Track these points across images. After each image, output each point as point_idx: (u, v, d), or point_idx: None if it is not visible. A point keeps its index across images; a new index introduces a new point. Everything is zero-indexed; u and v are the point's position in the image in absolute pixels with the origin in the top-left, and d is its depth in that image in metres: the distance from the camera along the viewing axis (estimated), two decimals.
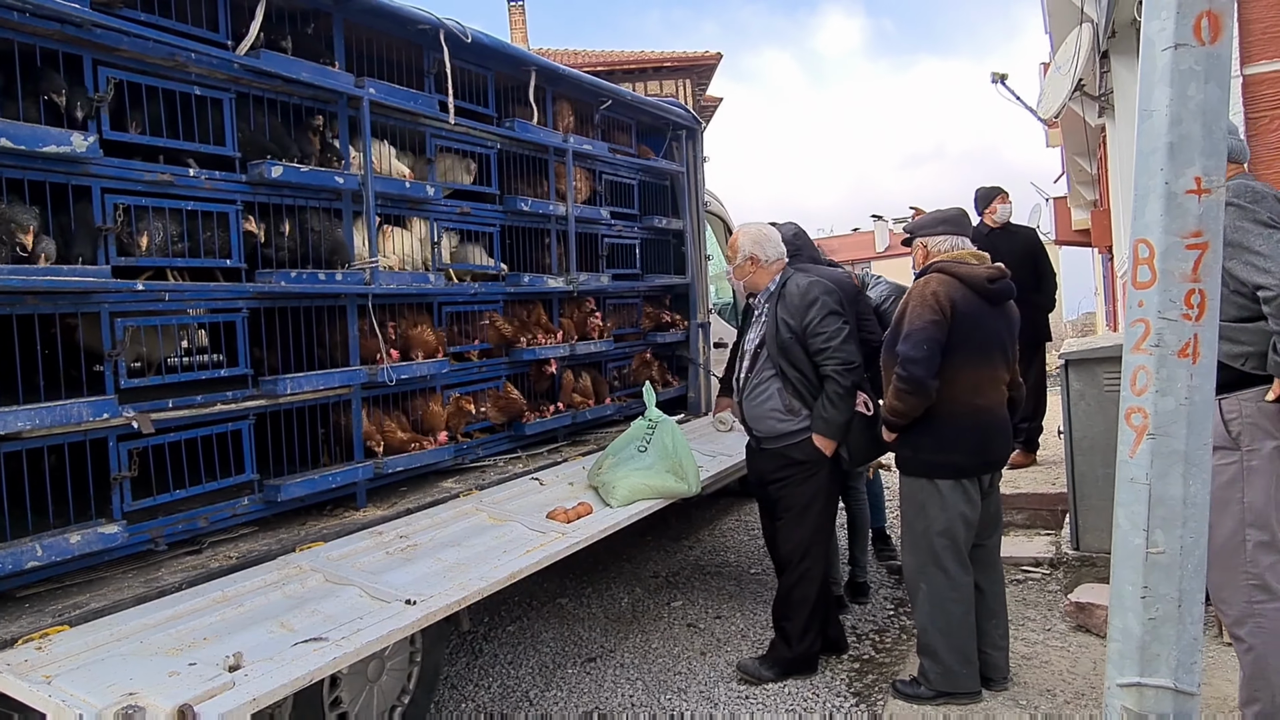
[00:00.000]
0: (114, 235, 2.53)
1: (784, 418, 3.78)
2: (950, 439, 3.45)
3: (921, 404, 3.43)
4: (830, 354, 3.66)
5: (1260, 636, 2.81)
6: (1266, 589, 2.80)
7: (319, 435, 3.32)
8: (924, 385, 3.38)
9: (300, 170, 3.03)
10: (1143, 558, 1.82)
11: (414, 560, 3.00)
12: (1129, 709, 1.85)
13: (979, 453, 3.47)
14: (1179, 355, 1.77)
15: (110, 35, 2.53)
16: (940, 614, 3.50)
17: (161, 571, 2.66)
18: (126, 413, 2.54)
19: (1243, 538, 2.81)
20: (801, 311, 3.70)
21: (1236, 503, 2.80)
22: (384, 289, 3.35)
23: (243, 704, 1.99)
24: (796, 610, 3.83)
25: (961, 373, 3.43)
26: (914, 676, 3.63)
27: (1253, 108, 3.64)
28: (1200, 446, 1.80)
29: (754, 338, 3.91)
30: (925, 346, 3.36)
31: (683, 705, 3.70)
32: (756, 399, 3.86)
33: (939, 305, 3.39)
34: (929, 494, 3.50)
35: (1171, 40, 1.74)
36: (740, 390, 3.97)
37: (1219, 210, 1.76)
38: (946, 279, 3.47)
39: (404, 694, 3.28)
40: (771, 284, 3.89)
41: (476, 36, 3.70)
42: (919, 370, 3.36)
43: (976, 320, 3.44)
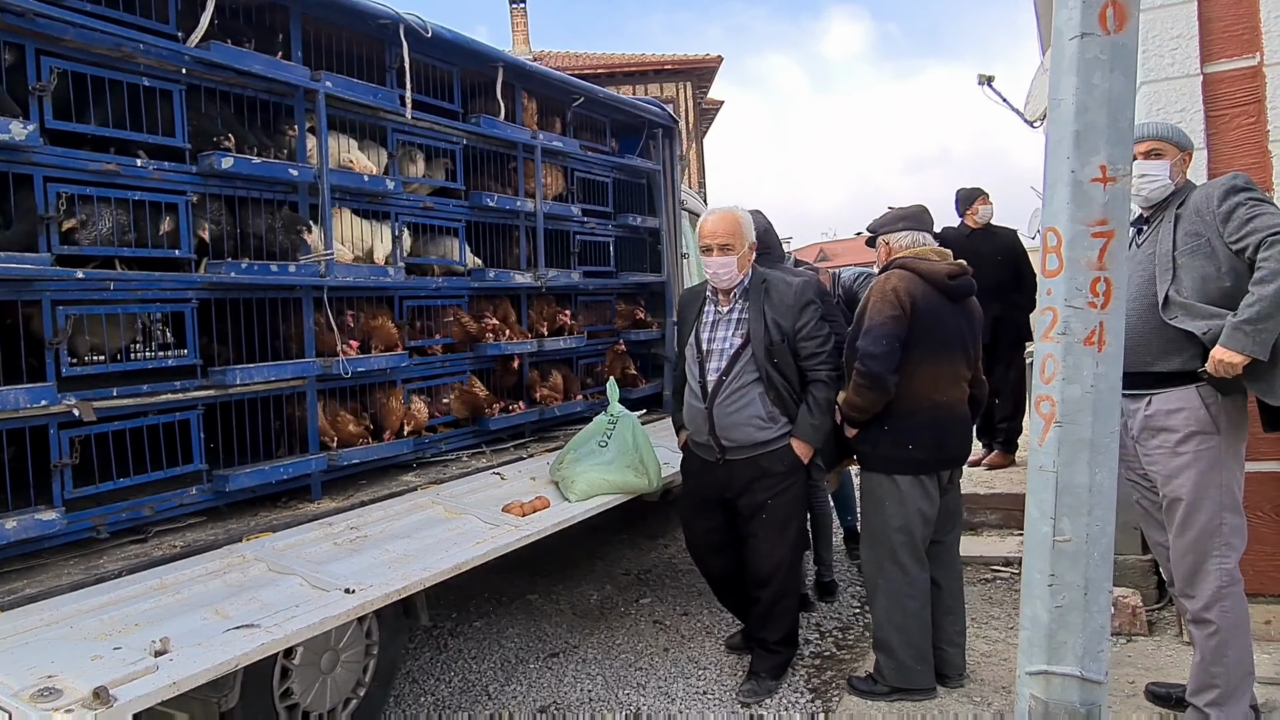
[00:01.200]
0: (56, 224, 2.54)
1: (764, 425, 3.54)
2: (909, 435, 3.46)
3: (880, 399, 3.43)
4: (824, 359, 3.56)
5: (1226, 620, 2.87)
6: (1232, 577, 2.87)
7: (273, 427, 3.33)
8: (882, 380, 3.38)
9: (252, 162, 3.04)
10: (1050, 546, 1.83)
11: (361, 551, 3.00)
12: (1037, 697, 1.85)
13: (937, 449, 3.48)
14: (1085, 343, 1.77)
15: (55, 25, 2.55)
16: (896, 610, 3.51)
17: (104, 559, 2.67)
18: (67, 400, 2.55)
19: (1220, 521, 2.88)
20: (795, 313, 3.53)
21: (1216, 487, 2.87)
22: (340, 281, 3.37)
23: (161, 687, 2.00)
24: (780, 622, 3.72)
25: (921, 369, 3.43)
26: (869, 673, 3.64)
27: (1212, 106, 3.63)
28: (1106, 435, 1.80)
29: (726, 337, 3.59)
30: (884, 342, 3.37)
31: (640, 701, 3.70)
32: (732, 406, 3.54)
33: (899, 301, 3.40)
34: (887, 490, 3.52)
35: (1078, 29, 1.75)
36: (709, 395, 3.58)
37: (1124, 199, 1.76)
38: (907, 275, 3.48)
39: (359, 687, 3.28)
40: (745, 279, 3.62)
41: (437, 31, 3.72)
42: (877, 366, 3.37)
43: (937, 316, 3.45)
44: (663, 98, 23.32)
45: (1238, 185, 2.80)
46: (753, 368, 3.54)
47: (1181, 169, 2.97)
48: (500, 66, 4.22)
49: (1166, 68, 3.66)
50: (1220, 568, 2.88)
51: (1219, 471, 2.87)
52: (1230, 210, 2.76)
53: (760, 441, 3.55)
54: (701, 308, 3.71)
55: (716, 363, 3.59)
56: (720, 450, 3.60)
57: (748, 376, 3.55)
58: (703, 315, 3.70)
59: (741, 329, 3.58)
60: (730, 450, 3.59)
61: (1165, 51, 3.66)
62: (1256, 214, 2.72)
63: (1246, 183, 2.81)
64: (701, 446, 3.70)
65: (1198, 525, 2.89)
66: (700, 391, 3.63)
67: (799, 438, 3.54)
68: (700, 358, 3.65)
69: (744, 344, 3.55)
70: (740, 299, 3.61)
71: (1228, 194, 2.79)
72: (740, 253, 3.54)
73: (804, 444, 3.54)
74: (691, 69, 23.43)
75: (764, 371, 3.51)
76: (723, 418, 3.57)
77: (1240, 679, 2.90)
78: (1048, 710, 1.85)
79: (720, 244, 3.53)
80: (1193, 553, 2.92)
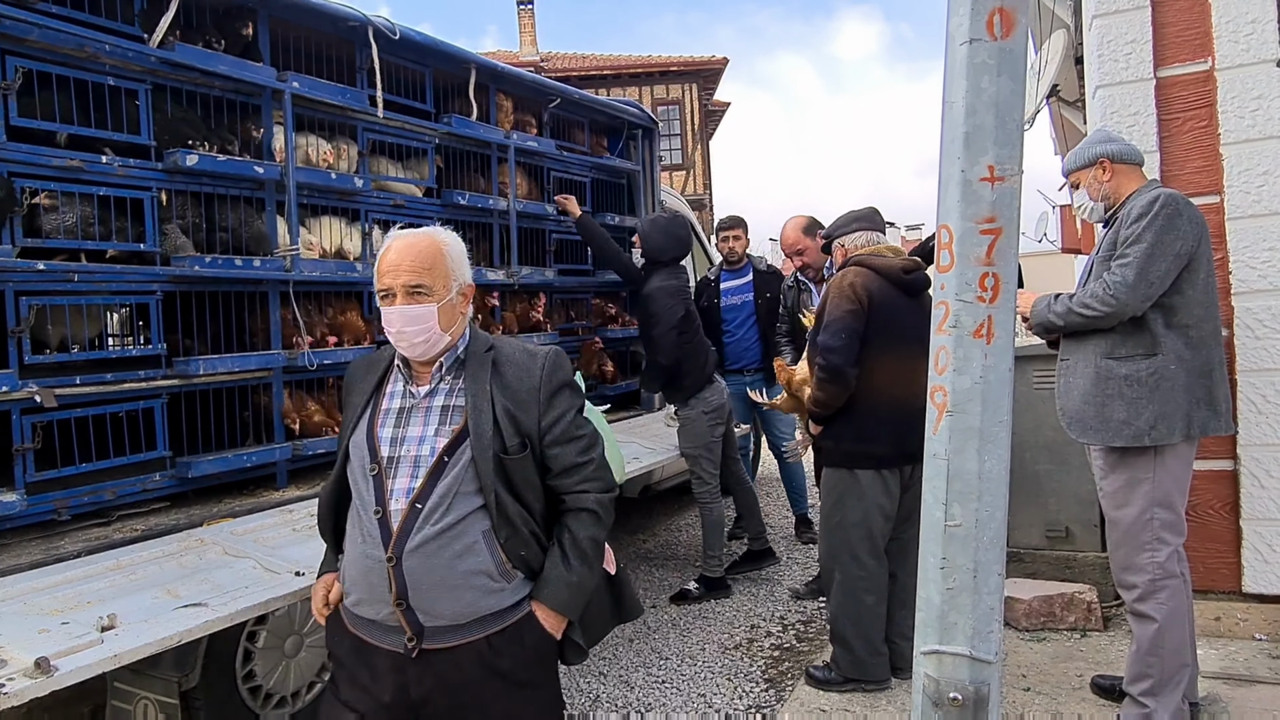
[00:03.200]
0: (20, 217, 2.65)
1: (493, 587, 1.80)
2: (869, 430, 3.54)
3: (841, 392, 3.52)
4: (589, 476, 2.46)
5: (1163, 611, 2.94)
6: (1164, 570, 2.94)
7: (240, 417, 3.42)
8: (842, 373, 3.48)
9: (217, 159, 3.14)
10: (942, 530, 1.90)
11: (317, 537, 3.08)
12: (930, 675, 1.92)
13: (898, 444, 3.54)
14: (974, 335, 1.84)
15: (19, 26, 2.65)
16: (852, 603, 3.60)
17: (64, 540, 2.77)
18: (29, 387, 2.66)
19: (1150, 516, 2.95)
20: (542, 402, 2.37)
21: (1147, 483, 2.94)
22: (305, 276, 3.46)
23: (103, 659, 2.09)
24: None
25: (880, 363, 3.52)
26: (826, 663, 3.72)
27: (1166, 109, 3.69)
28: (996, 423, 1.87)
29: (425, 437, 2.08)
30: (843, 335, 3.48)
31: (600, 688, 3.79)
32: (437, 554, 2.00)
33: (855, 295, 3.51)
34: (848, 484, 3.59)
35: (967, 35, 1.82)
36: (394, 536, 2.01)
37: (1013, 198, 1.83)
38: (863, 270, 3.59)
39: (324, 671, 3.37)
40: (461, 345, 2.17)
41: (406, 33, 3.81)
42: (837, 359, 3.48)
43: (893, 310, 3.54)
44: (669, 99, 23.48)
45: (1152, 205, 2.87)
46: (472, 487, 2.04)
47: (1098, 183, 3.05)
48: (473, 67, 4.31)
49: (1121, 72, 3.72)
50: (1152, 560, 2.95)
51: (1148, 470, 2.94)
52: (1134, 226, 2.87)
53: (488, 615, 2.03)
54: (380, 388, 2.18)
55: (407, 480, 2.03)
56: (414, 634, 2.01)
57: (463, 504, 2.02)
58: (380, 400, 2.15)
59: (452, 424, 2.07)
60: (432, 634, 2.01)
61: (1120, 56, 3.72)
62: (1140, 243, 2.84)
63: (1165, 202, 2.86)
64: (373, 627, 2.06)
65: (1128, 519, 2.97)
66: (377, 529, 2.01)
67: (546, 603, 2.07)
68: (376, 470, 2.06)
69: (455, 447, 2.04)
70: (451, 375, 2.13)
71: (1145, 209, 2.89)
72: (444, 299, 2.07)
73: (554, 614, 2.08)
74: (698, 70, 23.54)
75: (491, 494, 2.03)
76: (420, 574, 1.98)
77: (1175, 670, 2.97)
78: (939, 688, 1.92)
79: (408, 285, 2.05)
80: (1125, 546, 3.00)
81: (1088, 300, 2.91)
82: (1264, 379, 3.56)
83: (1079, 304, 2.94)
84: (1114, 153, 3.03)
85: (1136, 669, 3.03)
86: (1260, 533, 3.61)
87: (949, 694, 1.93)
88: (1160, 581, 2.95)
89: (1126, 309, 2.85)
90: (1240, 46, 3.56)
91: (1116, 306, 2.85)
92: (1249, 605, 3.68)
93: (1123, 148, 3.06)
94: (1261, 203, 3.55)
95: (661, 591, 4.95)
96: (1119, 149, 3.04)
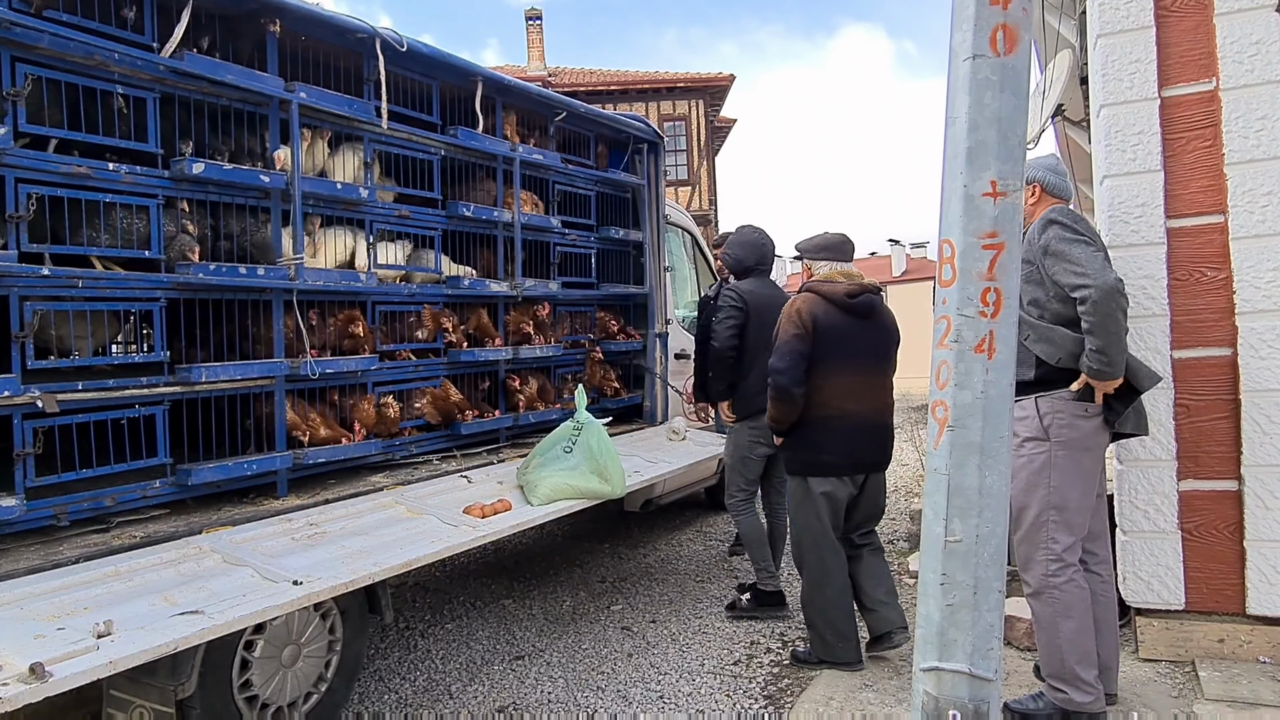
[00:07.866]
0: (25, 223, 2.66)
1: None
2: (820, 441, 3.85)
3: (790, 409, 3.88)
4: None
5: (1054, 607, 3.13)
6: (1061, 563, 3.12)
7: (243, 425, 3.42)
8: (788, 392, 3.83)
9: (223, 167, 3.16)
10: (942, 546, 1.89)
11: (317, 546, 3.09)
12: (929, 693, 1.91)
13: (848, 453, 3.86)
14: (975, 350, 1.84)
15: (30, 34, 2.67)
16: (818, 595, 3.92)
17: (63, 546, 2.76)
18: (31, 392, 2.66)
19: (1046, 518, 3.14)
20: None
21: (1044, 486, 3.14)
22: (309, 285, 3.47)
23: (98, 665, 2.09)
24: None
25: (830, 380, 3.84)
26: (808, 644, 4.08)
27: (1170, 129, 3.69)
28: (996, 439, 1.86)
29: None
30: (789, 358, 3.83)
31: (598, 703, 3.76)
32: None
33: (800, 320, 3.87)
34: (804, 490, 3.93)
35: (970, 51, 1.83)
36: None
37: (1015, 213, 1.83)
38: (810, 297, 3.95)
39: (320, 681, 3.35)
40: None
41: (413, 45, 3.84)
42: (783, 379, 3.83)
43: (841, 332, 3.88)
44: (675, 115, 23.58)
45: (1051, 219, 3.08)
46: None
47: (1024, 202, 3.18)
48: (479, 80, 4.34)
49: (1125, 91, 3.72)
50: (1046, 557, 3.12)
51: (1047, 473, 3.12)
52: (1046, 245, 3.05)
53: None
54: None
55: None
56: None
57: None
58: None
59: None
60: None
61: (1124, 75, 3.72)
62: (1065, 253, 3.00)
63: (1059, 215, 3.07)
64: None
65: (1028, 520, 3.16)
66: None
67: None
68: None
69: None
70: None
71: (1045, 226, 3.08)
72: None
73: None
74: (704, 87, 23.65)
75: None
76: None
77: (1080, 657, 3.09)
78: (939, 706, 1.91)
79: None
80: (1025, 543, 3.18)
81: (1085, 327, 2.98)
82: (1268, 399, 3.54)
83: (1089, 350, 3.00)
84: (1049, 183, 3.25)
85: (1041, 654, 3.26)
86: (1265, 554, 3.58)
87: (948, 711, 1.92)
88: (1053, 576, 3.12)
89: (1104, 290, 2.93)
90: (1245, 67, 3.57)
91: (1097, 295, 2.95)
92: (1253, 627, 3.64)
93: (1058, 182, 3.26)
94: (1266, 223, 3.54)
95: (661, 606, 4.93)
96: (1055, 182, 3.25)
